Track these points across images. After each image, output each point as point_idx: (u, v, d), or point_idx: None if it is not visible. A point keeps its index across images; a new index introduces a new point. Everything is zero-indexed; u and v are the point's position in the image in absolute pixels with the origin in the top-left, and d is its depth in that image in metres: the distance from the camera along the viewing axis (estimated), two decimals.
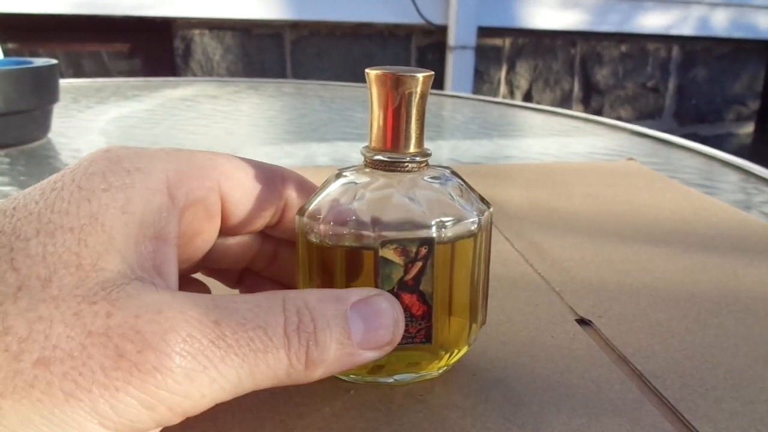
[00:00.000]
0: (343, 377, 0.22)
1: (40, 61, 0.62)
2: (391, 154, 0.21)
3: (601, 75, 2.28)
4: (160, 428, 0.17)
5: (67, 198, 0.18)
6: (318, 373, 0.18)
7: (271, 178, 0.23)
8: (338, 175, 0.22)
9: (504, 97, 2.17)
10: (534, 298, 0.30)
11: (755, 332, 0.27)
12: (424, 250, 0.20)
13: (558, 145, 0.69)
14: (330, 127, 0.76)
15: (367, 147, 0.22)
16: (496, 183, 0.49)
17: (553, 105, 2.14)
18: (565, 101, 2.25)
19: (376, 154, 0.22)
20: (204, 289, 0.25)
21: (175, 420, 0.16)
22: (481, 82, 2.13)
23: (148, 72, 1.76)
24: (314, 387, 0.22)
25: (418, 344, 0.21)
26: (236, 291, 0.26)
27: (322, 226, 0.21)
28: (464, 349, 0.23)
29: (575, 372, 0.24)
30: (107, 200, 0.18)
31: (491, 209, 0.23)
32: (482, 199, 0.23)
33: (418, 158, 0.22)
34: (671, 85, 2.38)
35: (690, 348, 0.26)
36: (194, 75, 1.83)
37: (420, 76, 0.21)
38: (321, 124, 0.78)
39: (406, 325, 0.20)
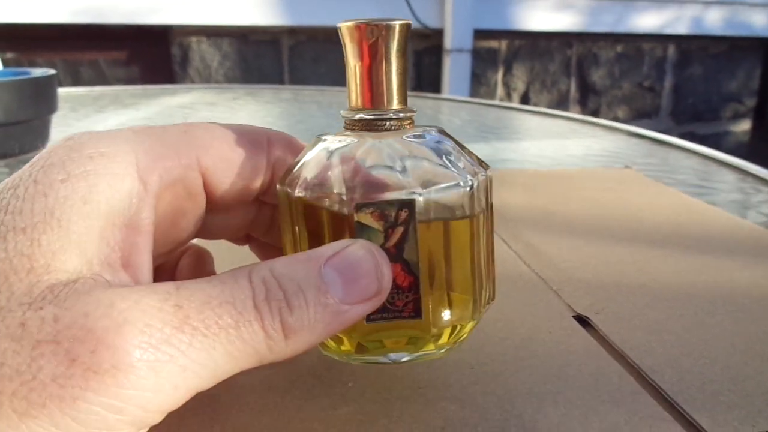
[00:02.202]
0: (337, 357, 0.21)
1: (38, 72, 0.63)
2: (371, 112, 0.20)
3: (598, 75, 2.28)
4: (144, 430, 0.16)
5: (22, 195, 0.16)
6: (302, 340, 0.17)
7: (255, 142, 0.21)
8: (318, 141, 0.21)
9: (501, 99, 2.18)
10: (531, 296, 0.30)
11: (752, 331, 0.27)
12: (404, 214, 0.19)
13: (555, 147, 0.70)
14: None
15: (346, 109, 0.21)
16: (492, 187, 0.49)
17: (550, 106, 2.14)
18: (562, 102, 2.26)
19: (355, 114, 0.20)
20: (205, 256, 0.24)
21: (155, 418, 0.15)
22: (478, 84, 2.13)
23: (146, 79, 1.76)
24: (312, 379, 0.22)
25: (406, 319, 0.19)
26: (245, 247, 0.26)
27: (299, 194, 0.19)
28: (469, 326, 0.21)
29: (573, 366, 0.24)
30: (66, 192, 0.16)
31: (489, 172, 0.21)
32: (479, 161, 0.21)
33: (401, 114, 0.20)
34: (667, 84, 2.39)
35: (687, 345, 0.26)
36: (192, 82, 1.83)
37: (396, 24, 0.20)
38: (319, 130, 0.78)
39: (392, 298, 0.19)
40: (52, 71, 0.63)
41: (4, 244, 0.16)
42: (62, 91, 0.99)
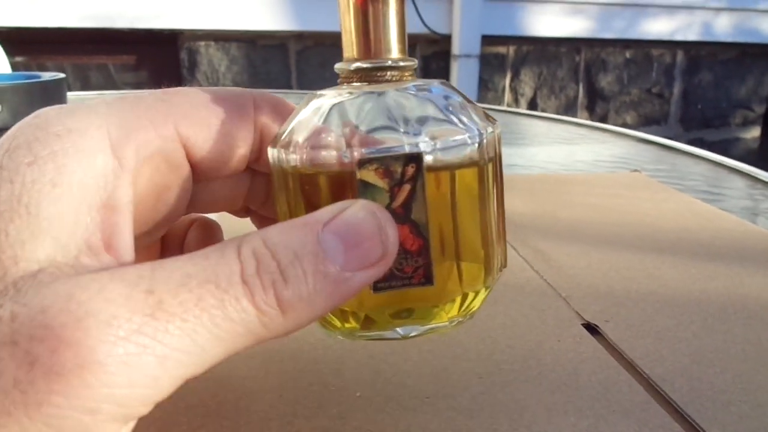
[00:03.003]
0: (341, 337, 0.20)
1: (47, 75, 0.63)
2: (369, 61, 0.19)
3: (606, 81, 2.28)
4: (130, 424, 0.15)
5: None
6: (302, 314, 0.15)
7: (240, 107, 0.20)
8: (312, 98, 0.19)
9: (509, 104, 2.18)
10: (540, 303, 0.30)
11: (764, 338, 0.27)
12: (411, 169, 0.17)
13: (563, 153, 0.69)
14: None
15: (340, 62, 0.19)
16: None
17: (557, 112, 2.14)
18: (569, 108, 2.25)
19: (350, 64, 0.19)
20: (213, 227, 0.23)
21: (140, 411, 0.14)
22: (486, 90, 2.13)
23: (154, 84, 1.77)
24: (321, 389, 0.22)
25: (416, 285, 0.18)
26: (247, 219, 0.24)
27: (293, 156, 0.18)
28: (481, 294, 0.19)
29: (582, 375, 0.24)
30: (33, 176, 0.15)
31: (497, 128, 0.19)
32: (486, 116, 0.19)
33: (401, 64, 0.19)
34: (676, 90, 2.38)
35: (698, 353, 0.26)
36: (200, 86, 1.84)
37: None
38: None
39: (401, 264, 0.17)
40: (61, 75, 0.64)
41: None
42: (71, 95, 1.00)
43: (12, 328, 0.13)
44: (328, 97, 0.19)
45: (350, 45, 0.19)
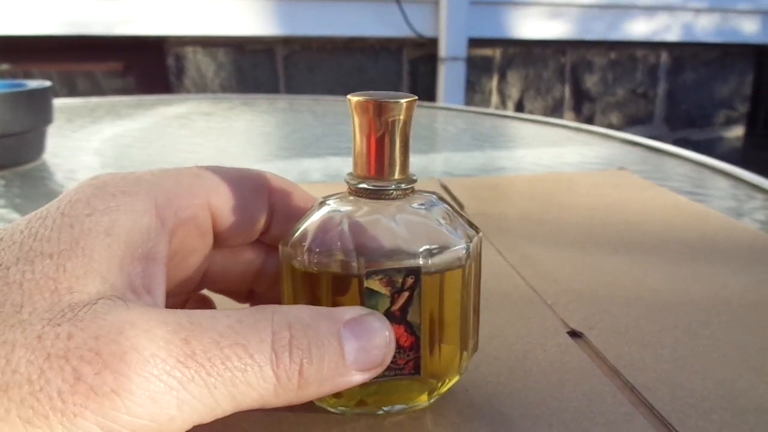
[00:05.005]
0: (331, 409, 0.22)
1: (34, 84, 0.63)
2: (375, 182, 0.21)
3: (591, 82, 2.29)
4: None
5: (50, 225, 0.18)
6: (310, 392, 0.17)
7: (257, 185, 0.23)
8: (322, 204, 0.22)
9: (496, 106, 2.18)
10: (526, 311, 0.30)
11: (746, 341, 0.27)
12: (410, 280, 0.20)
13: (550, 155, 0.70)
14: (323, 142, 0.76)
15: (351, 174, 0.22)
16: (488, 195, 0.49)
17: (544, 113, 2.15)
18: (556, 109, 2.26)
19: (360, 182, 0.21)
20: (209, 302, 0.25)
21: None
22: (473, 92, 2.14)
23: (141, 90, 1.76)
24: (307, 407, 0.22)
25: (406, 376, 0.21)
26: (247, 305, 0.26)
27: (305, 256, 0.20)
28: (455, 378, 0.23)
29: (567, 385, 0.24)
30: (90, 224, 0.18)
31: (480, 234, 0.22)
32: (471, 224, 0.22)
33: (403, 185, 0.21)
34: (660, 90, 2.40)
35: (681, 359, 0.26)
36: (188, 92, 1.83)
37: (403, 102, 0.20)
38: (314, 140, 0.78)
39: (394, 357, 0.20)
40: (47, 83, 0.63)
41: (31, 266, 0.17)
42: (58, 102, 0.99)
43: (67, 345, 0.15)
44: (338, 205, 0.21)
45: (360, 164, 0.21)
